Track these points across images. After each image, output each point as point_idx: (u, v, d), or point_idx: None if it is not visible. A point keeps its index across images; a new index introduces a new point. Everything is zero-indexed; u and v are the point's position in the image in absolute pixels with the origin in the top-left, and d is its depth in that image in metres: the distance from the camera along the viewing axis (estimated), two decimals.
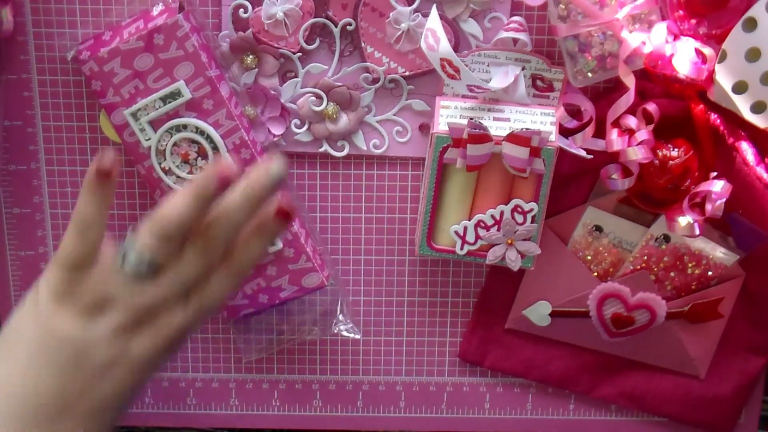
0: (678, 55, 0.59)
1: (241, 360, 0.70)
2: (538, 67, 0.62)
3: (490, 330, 0.69)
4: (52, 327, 0.50)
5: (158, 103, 0.58)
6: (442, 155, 0.60)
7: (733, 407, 0.70)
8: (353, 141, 0.65)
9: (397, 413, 0.72)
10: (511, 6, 0.62)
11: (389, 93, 0.64)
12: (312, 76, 0.63)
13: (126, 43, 0.57)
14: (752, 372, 0.69)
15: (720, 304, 0.67)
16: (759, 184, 0.61)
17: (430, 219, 0.62)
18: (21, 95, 0.64)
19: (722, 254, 0.65)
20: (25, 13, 0.62)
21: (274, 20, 0.61)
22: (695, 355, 0.68)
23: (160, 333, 0.51)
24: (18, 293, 0.68)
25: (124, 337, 0.51)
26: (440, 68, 0.59)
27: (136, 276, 0.50)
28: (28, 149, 0.65)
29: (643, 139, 0.60)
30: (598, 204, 0.65)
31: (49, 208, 0.67)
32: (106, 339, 0.50)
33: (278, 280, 0.64)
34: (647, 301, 0.65)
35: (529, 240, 0.62)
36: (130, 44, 0.57)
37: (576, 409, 0.72)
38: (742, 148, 0.61)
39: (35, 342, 0.50)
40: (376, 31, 0.62)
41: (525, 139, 0.58)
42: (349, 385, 0.71)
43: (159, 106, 0.58)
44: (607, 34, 0.60)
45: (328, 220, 0.67)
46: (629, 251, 0.66)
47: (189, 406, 0.72)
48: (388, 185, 0.66)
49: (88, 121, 0.65)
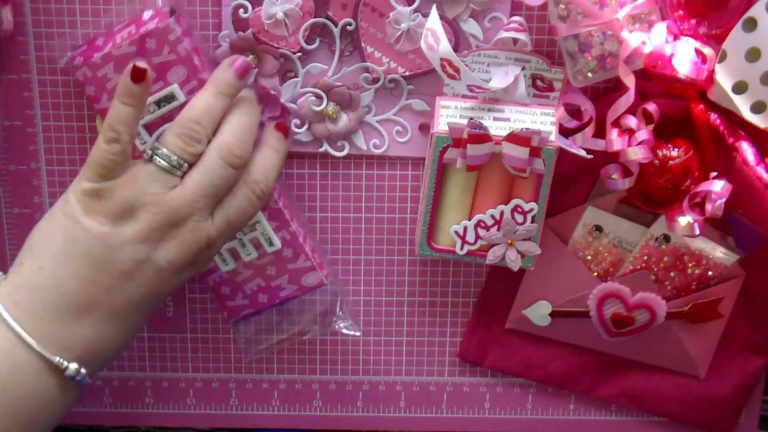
0: (678, 55, 0.59)
1: (241, 360, 0.70)
2: (538, 67, 0.62)
3: (490, 330, 0.69)
4: (82, 228, 0.53)
5: (152, 107, 0.58)
6: (442, 155, 0.60)
7: (733, 407, 0.70)
8: (353, 141, 0.65)
9: (397, 413, 0.72)
10: (511, 6, 0.62)
11: (389, 93, 0.64)
12: (312, 76, 0.63)
13: (118, 48, 0.57)
14: (752, 372, 0.69)
15: (720, 304, 0.67)
16: (759, 184, 0.61)
17: (430, 219, 0.62)
18: (21, 95, 0.64)
19: (722, 254, 0.65)
20: (25, 13, 0.62)
21: (274, 20, 0.61)
22: (695, 355, 0.68)
23: (186, 241, 0.53)
24: None
25: (150, 243, 0.53)
26: (440, 68, 0.59)
27: (163, 174, 0.53)
28: (28, 149, 0.65)
29: (643, 139, 0.60)
30: (598, 204, 0.65)
31: (49, 208, 0.67)
32: (133, 243, 0.52)
33: (277, 280, 0.64)
34: (647, 301, 0.65)
35: (529, 240, 0.62)
36: (122, 49, 0.57)
37: (576, 409, 0.72)
38: (742, 148, 0.61)
39: (64, 240, 0.53)
40: (376, 31, 0.62)
41: (525, 139, 0.58)
42: (349, 385, 0.71)
43: (153, 110, 0.58)
44: (607, 34, 0.60)
45: (328, 220, 0.67)
46: (629, 251, 0.66)
47: (189, 406, 0.72)
48: (388, 185, 0.66)
49: (88, 121, 0.65)
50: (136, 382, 0.71)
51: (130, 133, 0.53)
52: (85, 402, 0.71)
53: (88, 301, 0.52)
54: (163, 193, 0.53)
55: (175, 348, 0.70)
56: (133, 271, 0.53)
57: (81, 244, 0.52)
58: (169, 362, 0.70)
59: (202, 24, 0.62)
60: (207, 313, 0.69)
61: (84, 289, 0.52)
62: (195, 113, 0.54)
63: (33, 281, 0.53)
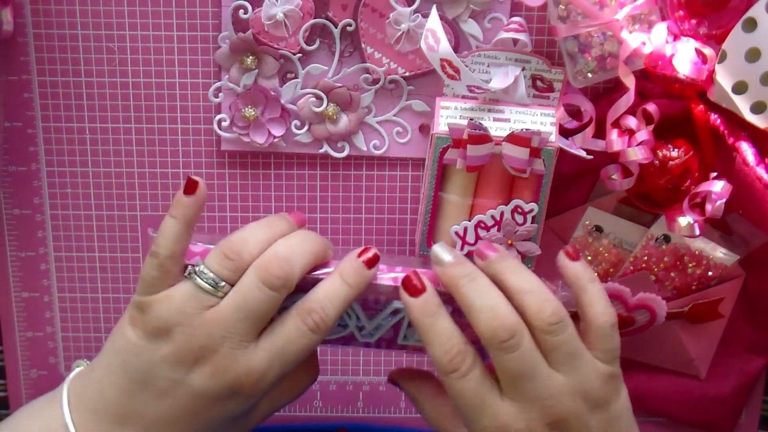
0: (678, 56, 0.59)
1: None
2: (538, 68, 0.62)
3: None
4: (124, 338, 0.51)
5: None
6: (442, 156, 0.60)
7: (733, 407, 0.70)
8: (353, 142, 0.65)
9: (398, 413, 0.72)
10: (511, 6, 0.62)
11: (389, 94, 0.64)
12: (312, 76, 0.63)
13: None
14: (752, 372, 0.69)
15: (720, 304, 0.67)
16: (759, 184, 0.61)
17: (431, 219, 0.62)
18: (21, 96, 0.64)
19: (722, 254, 0.65)
20: (26, 15, 0.62)
21: (274, 21, 0.61)
22: (695, 355, 0.68)
23: (220, 369, 0.49)
24: (18, 294, 0.68)
25: (183, 365, 0.49)
26: (440, 69, 0.59)
27: (201, 294, 0.49)
28: (29, 150, 0.65)
29: (643, 140, 0.60)
30: (598, 204, 0.65)
31: (49, 210, 0.67)
32: (167, 363, 0.50)
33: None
34: (647, 301, 0.65)
35: (530, 240, 0.62)
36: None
37: None
38: (742, 148, 0.61)
39: (111, 347, 0.52)
40: (376, 32, 0.62)
41: (525, 139, 0.58)
42: (350, 385, 0.71)
43: None
44: (607, 34, 0.60)
45: (328, 220, 0.67)
46: (629, 251, 0.66)
47: None
48: (388, 186, 0.66)
49: (88, 122, 0.65)
50: None
51: (170, 248, 0.50)
52: None
53: (125, 412, 0.50)
54: (198, 314, 0.49)
55: None
56: (167, 390, 0.50)
57: (122, 354, 0.51)
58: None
59: (202, 25, 0.63)
60: None
61: (121, 399, 0.50)
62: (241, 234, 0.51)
63: (89, 379, 0.52)
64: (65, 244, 0.68)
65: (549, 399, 0.48)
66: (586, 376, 0.50)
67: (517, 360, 0.48)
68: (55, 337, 0.70)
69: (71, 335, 0.70)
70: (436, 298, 0.50)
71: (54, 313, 0.69)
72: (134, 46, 0.63)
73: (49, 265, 0.68)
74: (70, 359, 0.70)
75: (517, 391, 0.48)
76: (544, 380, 0.48)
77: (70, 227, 0.67)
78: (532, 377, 0.48)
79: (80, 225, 0.67)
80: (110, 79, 0.64)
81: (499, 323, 0.48)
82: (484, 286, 0.50)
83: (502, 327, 0.48)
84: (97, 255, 0.68)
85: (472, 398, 0.49)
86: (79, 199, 0.67)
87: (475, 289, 0.49)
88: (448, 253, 0.51)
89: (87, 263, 0.68)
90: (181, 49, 0.63)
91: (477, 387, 0.49)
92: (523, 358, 0.48)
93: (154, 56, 0.63)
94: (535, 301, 0.49)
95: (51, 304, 0.69)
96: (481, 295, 0.49)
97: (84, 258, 0.68)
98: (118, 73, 0.64)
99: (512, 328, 0.48)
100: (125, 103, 0.64)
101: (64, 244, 0.68)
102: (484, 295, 0.49)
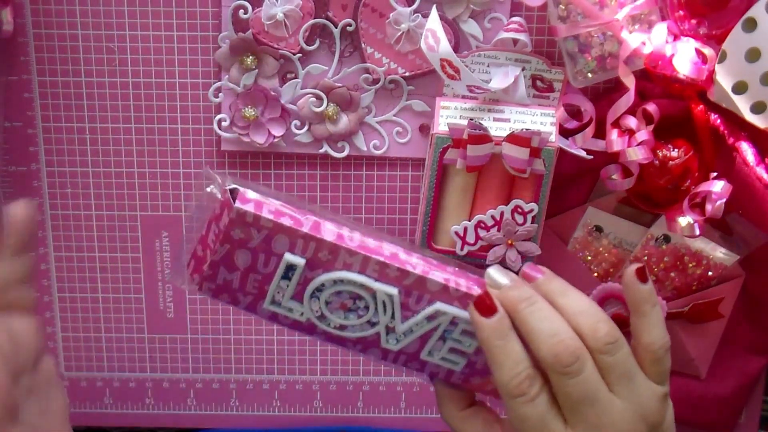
0: (678, 56, 0.59)
1: (241, 361, 0.70)
2: (538, 68, 0.62)
3: None
4: None
5: (283, 282, 0.53)
6: (442, 156, 0.60)
7: (733, 407, 0.70)
8: (353, 142, 0.65)
9: (398, 414, 0.72)
10: (511, 6, 0.62)
11: (389, 94, 0.64)
12: (312, 76, 0.63)
13: (215, 254, 0.52)
14: (752, 372, 0.69)
15: (720, 304, 0.67)
16: (759, 184, 0.61)
17: (430, 220, 0.62)
18: (21, 96, 0.64)
19: (722, 254, 0.65)
20: (26, 15, 0.62)
21: (274, 21, 0.61)
22: (695, 355, 0.68)
23: None
24: None
25: None
26: (440, 69, 0.59)
27: None
28: (29, 150, 0.65)
29: (643, 140, 0.60)
30: (598, 204, 0.65)
31: (49, 210, 0.67)
32: None
33: None
34: None
35: (530, 240, 0.62)
36: (219, 253, 0.52)
37: None
38: (742, 148, 0.61)
39: None
40: (376, 32, 0.62)
41: (525, 139, 0.58)
42: (350, 385, 0.71)
43: (286, 285, 0.53)
44: (607, 34, 0.60)
45: None
46: (629, 251, 0.66)
47: (189, 406, 0.72)
48: (388, 186, 0.66)
49: (88, 122, 0.65)
50: (136, 382, 0.71)
51: None
52: (85, 403, 0.71)
53: None
54: None
55: (175, 348, 0.70)
56: None
57: None
58: (170, 363, 0.71)
59: (202, 25, 0.63)
60: (207, 314, 0.69)
61: None
62: None
63: None
64: (65, 244, 0.68)
65: (610, 426, 0.48)
66: (644, 399, 0.49)
67: (580, 384, 0.47)
68: (55, 337, 0.70)
69: (71, 335, 0.70)
70: (507, 319, 0.49)
71: (54, 313, 0.69)
72: (134, 46, 0.63)
73: (49, 265, 0.68)
74: (70, 359, 0.71)
75: (579, 418, 0.48)
76: (605, 405, 0.48)
77: (70, 227, 0.67)
78: (594, 402, 0.48)
79: (80, 225, 0.67)
80: (110, 79, 0.64)
81: (563, 348, 0.47)
82: (544, 311, 0.49)
83: (566, 352, 0.47)
84: (97, 255, 0.68)
85: (536, 423, 0.48)
86: (79, 199, 0.67)
87: (535, 313, 0.48)
88: (504, 276, 0.50)
89: (87, 263, 0.68)
90: (181, 49, 0.63)
91: (543, 413, 0.48)
92: (587, 382, 0.48)
93: (154, 56, 0.63)
94: (588, 321, 0.49)
95: (51, 304, 0.69)
96: (542, 319, 0.48)
97: (84, 258, 0.68)
98: (118, 73, 0.64)
99: (575, 352, 0.47)
100: (125, 103, 0.64)
101: (64, 244, 0.68)
102: (545, 319, 0.48)
